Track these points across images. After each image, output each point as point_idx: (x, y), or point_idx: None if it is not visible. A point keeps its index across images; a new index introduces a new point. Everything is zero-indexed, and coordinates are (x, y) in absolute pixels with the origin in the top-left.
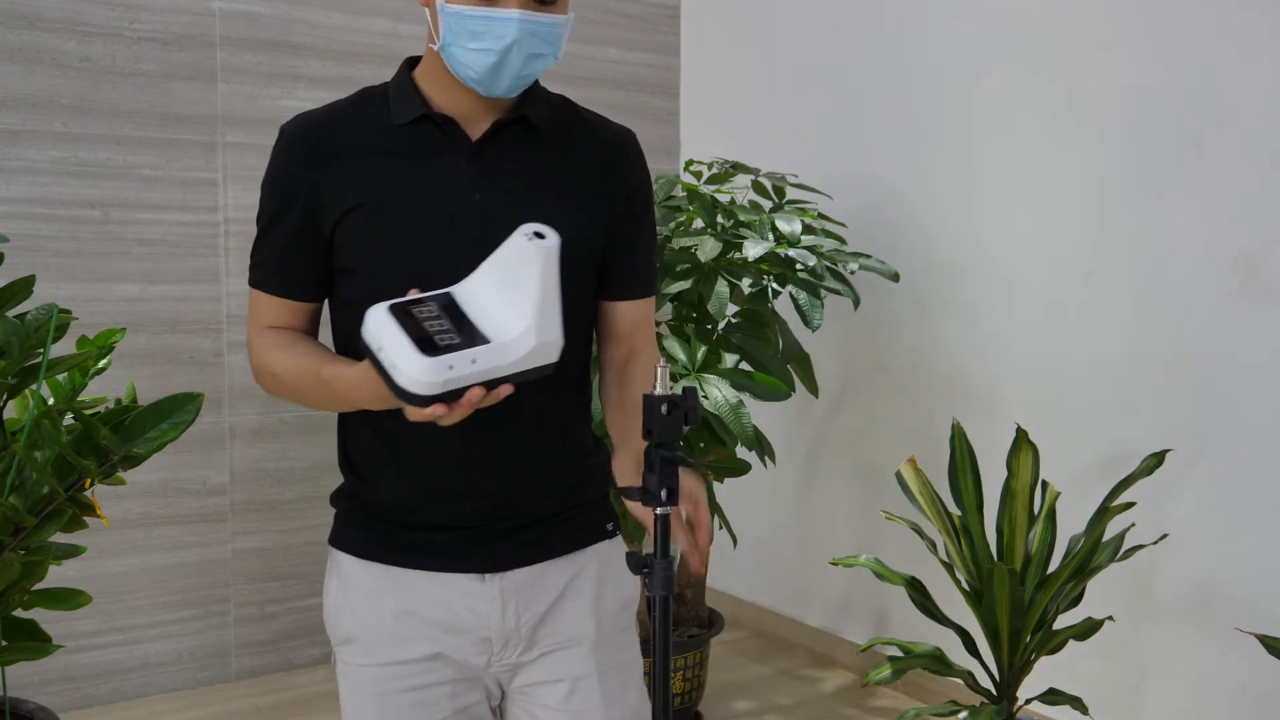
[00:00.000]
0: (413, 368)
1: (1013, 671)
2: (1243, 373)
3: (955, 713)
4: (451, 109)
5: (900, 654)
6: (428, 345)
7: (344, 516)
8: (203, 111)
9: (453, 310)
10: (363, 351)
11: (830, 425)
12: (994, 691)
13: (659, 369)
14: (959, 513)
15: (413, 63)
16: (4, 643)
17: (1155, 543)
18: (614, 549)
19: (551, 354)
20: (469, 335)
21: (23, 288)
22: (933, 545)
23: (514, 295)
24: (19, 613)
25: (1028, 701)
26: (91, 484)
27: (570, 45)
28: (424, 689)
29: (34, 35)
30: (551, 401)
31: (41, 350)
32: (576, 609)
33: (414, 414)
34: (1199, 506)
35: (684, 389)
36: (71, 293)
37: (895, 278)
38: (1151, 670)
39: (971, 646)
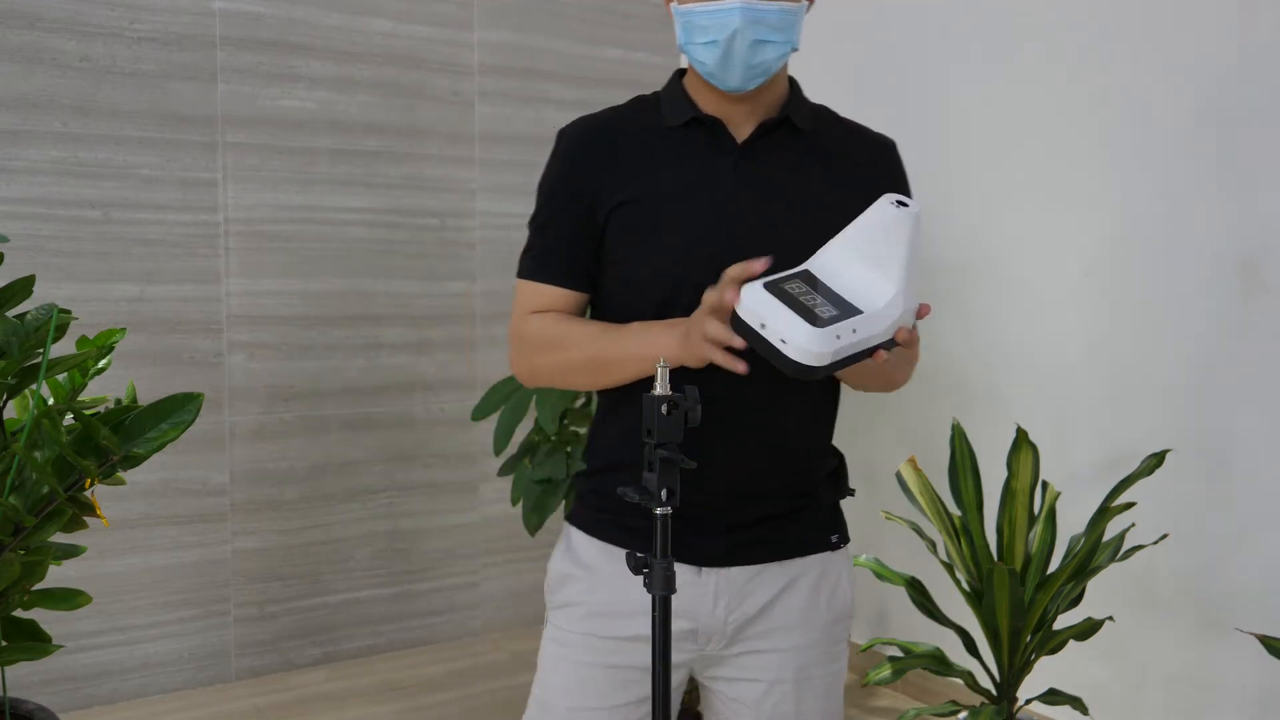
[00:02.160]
0: (804, 339)
1: (1013, 671)
2: (1243, 373)
3: (955, 713)
4: (718, 112)
5: (900, 654)
6: (811, 318)
7: (582, 496)
8: (203, 111)
9: (815, 283)
10: (738, 333)
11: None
12: (994, 691)
13: (659, 369)
14: (959, 513)
15: (682, 73)
16: (4, 643)
17: (1155, 543)
18: (836, 560)
19: (909, 319)
20: (841, 306)
21: (23, 288)
22: (933, 545)
23: (876, 263)
24: (19, 613)
25: (1028, 701)
26: (91, 484)
27: (570, 45)
28: (620, 669)
29: (34, 35)
30: (792, 399)
31: (41, 350)
32: (786, 615)
33: (726, 360)
34: (1199, 506)
35: (685, 389)
36: (71, 293)
37: None
38: (1151, 670)
39: (971, 646)
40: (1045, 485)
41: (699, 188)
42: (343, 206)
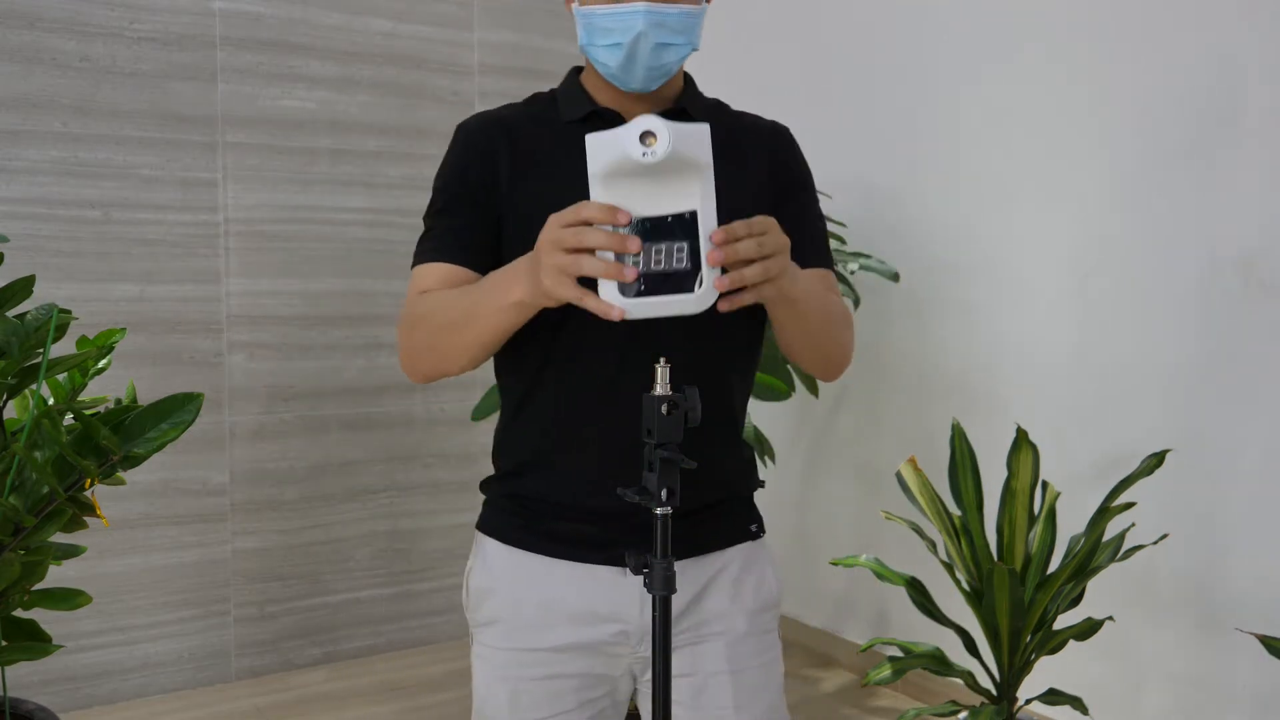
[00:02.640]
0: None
1: (1013, 671)
2: (1243, 373)
3: (955, 713)
4: (615, 106)
5: (900, 654)
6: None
7: (492, 502)
8: (203, 111)
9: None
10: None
11: (830, 425)
12: (994, 691)
13: (659, 369)
14: (959, 513)
15: (579, 70)
16: (4, 643)
17: (1155, 543)
18: (757, 550)
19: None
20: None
21: (23, 288)
22: (933, 545)
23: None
24: (19, 613)
25: (1028, 701)
26: (91, 484)
27: (570, 45)
28: (556, 679)
29: (34, 35)
30: (709, 392)
31: (41, 350)
32: (714, 606)
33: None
34: (1199, 506)
35: (685, 389)
36: (71, 293)
37: (895, 278)
38: (1151, 670)
39: (971, 646)
40: (1045, 485)
41: None
42: (343, 206)
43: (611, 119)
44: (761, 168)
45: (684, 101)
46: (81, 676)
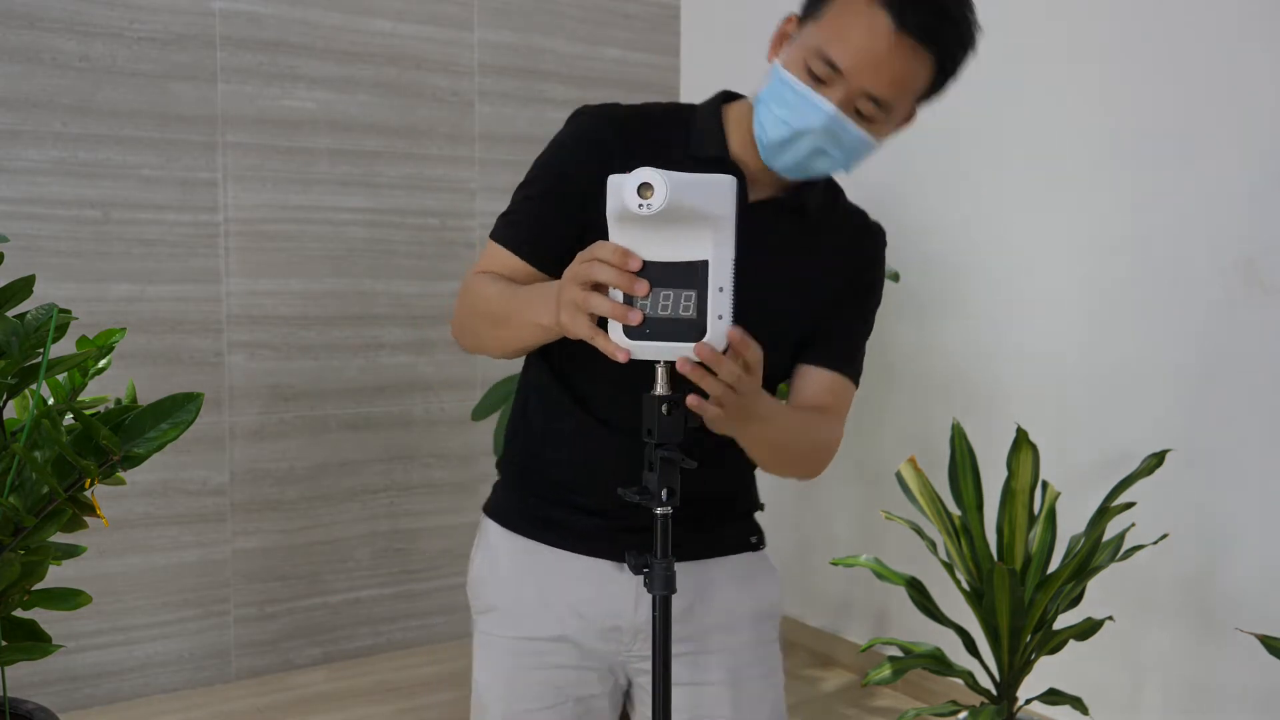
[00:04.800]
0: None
1: (1013, 671)
2: (1243, 373)
3: (955, 713)
4: (745, 161)
5: (900, 654)
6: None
7: (502, 484)
8: (203, 111)
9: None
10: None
11: None
12: (994, 691)
13: (659, 369)
14: (959, 513)
15: (727, 96)
16: (4, 643)
17: (1155, 543)
18: (756, 560)
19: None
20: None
21: (23, 288)
22: (933, 545)
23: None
24: (19, 613)
25: (1028, 701)
26: (91, 484)
27: (570, 45)
28: (551, 669)
29: (34, 35)
30: None
31: (41, 350)
32: (710, 613)
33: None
34: (1199, 506)
35: (685, 389)
36: (71, 293)
37: (895, 278)
38: (1151, 670)
39: (971, 646)
40: (1045, 485)
41: None
42: (343, 206)
43: (733, 171)
44: (839, 268)
45: (805, 195)
46: (81, 676)
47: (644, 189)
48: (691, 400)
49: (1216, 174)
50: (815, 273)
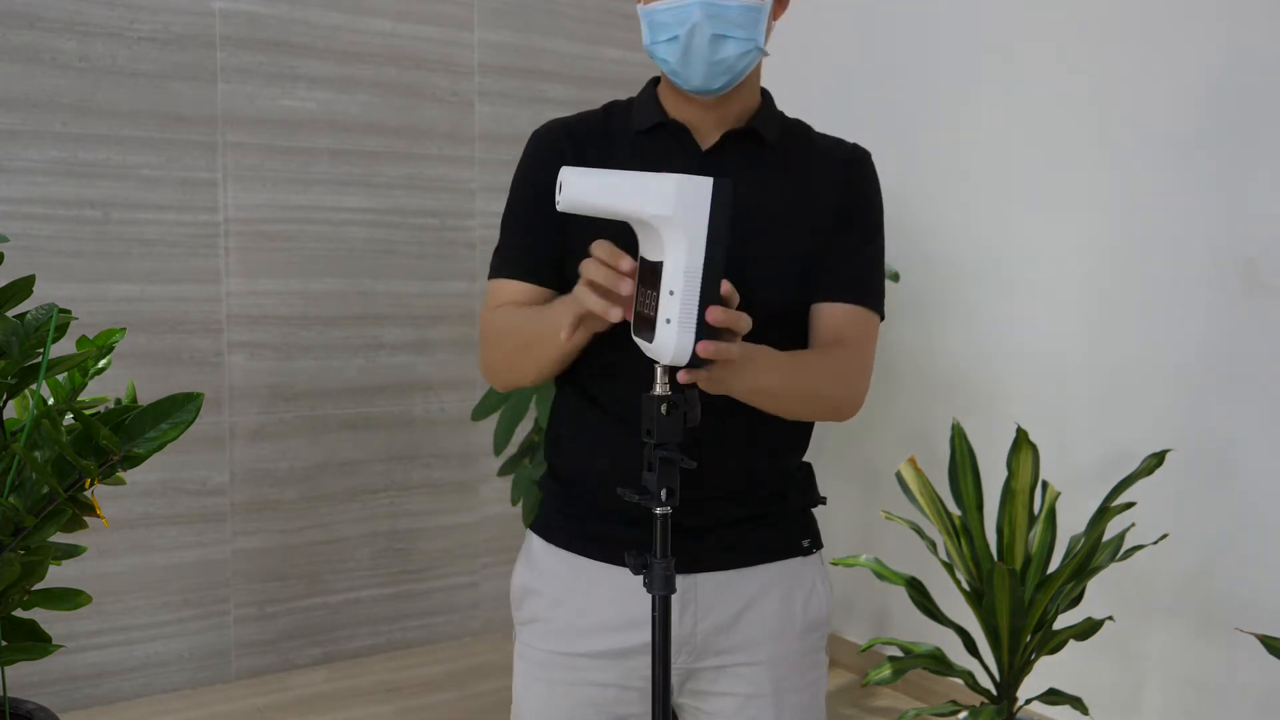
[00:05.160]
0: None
1: (1013, 671)
2: (1243, 373)
3: (955, 713)
4: (686, 119)
5: (900, 654)
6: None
7: (545, 499)
8: (203, 111)
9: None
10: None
11: (830, 425)
12: (994, 691)
13: (658, 369)
14: (959, 513)
15: (657, 81)
16: (4, 643)
17: (1155, 543)
18: (809, 567)
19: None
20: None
21: (23, 288)
22: (933, 545)
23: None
24: (19, 613)
25: (1028, 701)
26: (91, 484)
27: (570, 45)
28: (590, 686)
29: (34, 35)
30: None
31: (41, 350)
32: (758, 624)
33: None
34: (1199, 506)
35: (685, 389)
36: (71, 293)
37: (895, 278)
38: (1151, 670)
39: (971, 646)
40: (1045, 485)
41: None
42: (343, 206)
43: (677, 131)
44: (829, 195)
45: (757, 121)
46: (81, 676)
47: (559, 185)
48: (682, 375)
49: (1216, 174)
50: (801, 204)
